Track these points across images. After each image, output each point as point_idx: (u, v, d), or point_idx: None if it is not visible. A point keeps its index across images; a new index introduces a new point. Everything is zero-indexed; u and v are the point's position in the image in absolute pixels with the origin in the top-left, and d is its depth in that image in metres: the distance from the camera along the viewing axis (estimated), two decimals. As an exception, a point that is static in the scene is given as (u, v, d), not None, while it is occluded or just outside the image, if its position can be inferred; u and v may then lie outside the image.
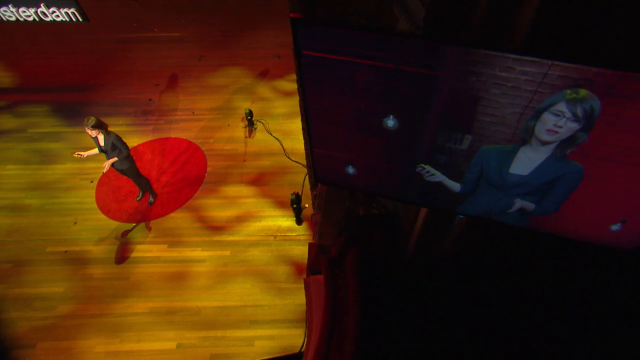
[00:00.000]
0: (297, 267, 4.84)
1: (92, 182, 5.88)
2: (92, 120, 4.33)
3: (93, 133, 4.39)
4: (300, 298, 4.59)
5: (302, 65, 1.05)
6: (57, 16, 5.92)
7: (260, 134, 6.53)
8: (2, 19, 5.75)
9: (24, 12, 5.78)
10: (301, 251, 5.00)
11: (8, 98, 7.22)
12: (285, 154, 6.18)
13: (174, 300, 4.62)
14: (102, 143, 4.53)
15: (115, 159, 4.60)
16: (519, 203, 1.27)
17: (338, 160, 1.31)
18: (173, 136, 6.54)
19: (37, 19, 5.86)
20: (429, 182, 1.25)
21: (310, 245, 3.42)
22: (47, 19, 5.90)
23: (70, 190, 5.77)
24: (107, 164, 4.59)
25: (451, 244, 1.61)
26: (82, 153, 4.52)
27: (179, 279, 4.79)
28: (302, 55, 1.04)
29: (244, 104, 6.95)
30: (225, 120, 6.77)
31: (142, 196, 5.56)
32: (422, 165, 1.24)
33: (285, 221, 5.31)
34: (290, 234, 5.18)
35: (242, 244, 5.08)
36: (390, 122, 1.13)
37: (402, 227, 1.93)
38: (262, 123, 6.65)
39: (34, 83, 7.62)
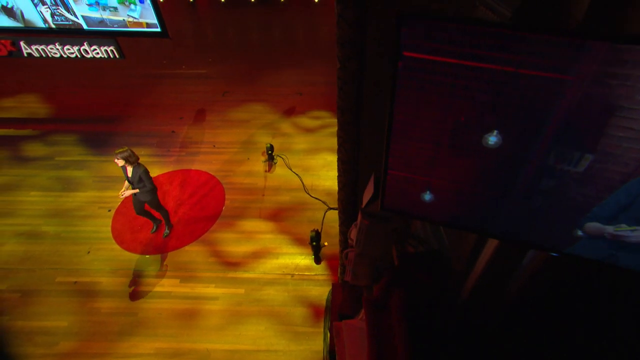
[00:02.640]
0: (315, 310, 4.53)
1: (109, 210, 5.84)
2: (123, 151, 4.37)
3: (120, 162, 4.40)
4: (317, 344, 4.23)
5: (399, 69, 0.92)
6: (97, 53, 6.28)
7: (280, 169, 6.49)
8: (47, 55, 6.10)
9: (68, 49, 6.16)
10: (319, 292, 4.70)
11: (41, 127, 7.51)
12: (305, 190, 6.08)
13: (182, 340, 4.32)
14: (129, 174, 4.54)
15: (137, 190, 4.61)
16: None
17: (415, 184, 1.14)
18: (194, 168, 6.56)
19: (79, 56, 6.22)
20: (532, 213, 1.04)
21: (335, 286, 3.17)
22: (88, 56, 6.26)
23: (88, 218, 5.73)
24: (126, 192, 4.58)
25: (521, 285, 1.39)
26: (124, 192, 4.57)
27: (189, 317, 4.52)
28: (402, 57, 0.90)
29: (265, 139, 7.01)
30: (245, 154, 6.80)
31: (157, 229, 5.45)
32: (625, 227, 0.98)
33: (303, 259, 5.07)
34: (308, 274, 4.91)
35: (258, 282, 4.82)
36: (493, 139, 0.96)
37: (452, 266, 1.72)
38: (283, 158, 6.64)
39: (67, 114, 7.95)
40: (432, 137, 1.01)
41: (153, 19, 5.84)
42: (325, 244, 5.18)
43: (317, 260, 5.02)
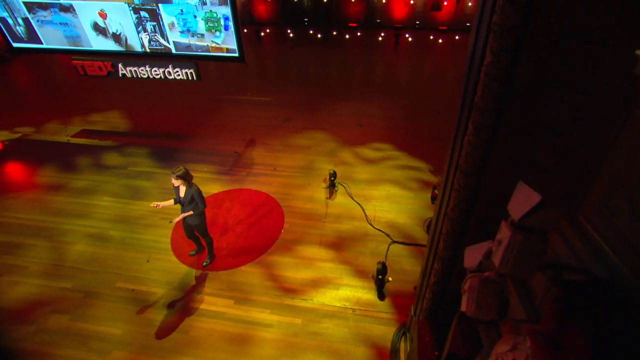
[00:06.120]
0: (378, 351, 4.08)
1: (170, 222, 5.90)
2: (180, 170, 4.28)
3: (177, 182, 4.32)
4: (380, 395, 3.74)
5: None
6: (179, 75, 6.79)
7: (341, 197, 6.32)
8: (138, 76, 6.72)
9: (155, 71, 6.72)
10: (383, 332, 4.27)
11: (120, 140, 8.12)
12: (368, 220, 5.81)
13: (232, 367, 4.02)
14: (182, 194, 4.43)
15: (191, 212, 4.46)
16: None
17: None
18: (253, 188, 6.59)
19: (163, 77, 6.76)
20: None
21: (422, 323, 2.79)
22: (170, 77, 6.78)
23: (150, 227, 5.83)
24: (180, 216, 4.50)
25: None
26: (159, 203, 4.41)
27: (241, 342, 4.25)
28: None
29: (325, 166, 6.97)
30: (306, 179, 6.74)
31: (197, 253, 5.29)
32: None
33: (365, 294, 4.69)
34: (371, 310, 4.51)
35: (316, 313, 4.49)
36: None
37: (635, 299, 1.36)
38: (344, 186, 6.48)
39: (142, 129, 8.56)
40: None
41: (233, 45, 6.32)
42: (390, 279, 4.79)
43: (381, 296, 4.62)
